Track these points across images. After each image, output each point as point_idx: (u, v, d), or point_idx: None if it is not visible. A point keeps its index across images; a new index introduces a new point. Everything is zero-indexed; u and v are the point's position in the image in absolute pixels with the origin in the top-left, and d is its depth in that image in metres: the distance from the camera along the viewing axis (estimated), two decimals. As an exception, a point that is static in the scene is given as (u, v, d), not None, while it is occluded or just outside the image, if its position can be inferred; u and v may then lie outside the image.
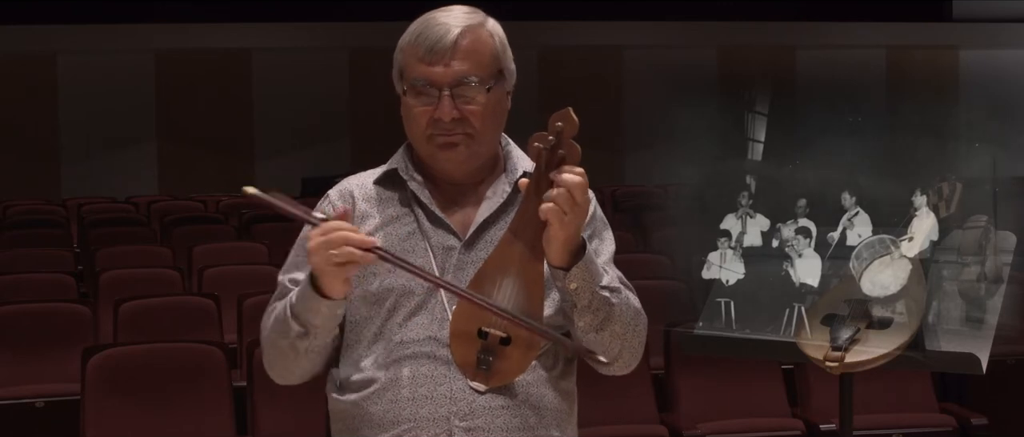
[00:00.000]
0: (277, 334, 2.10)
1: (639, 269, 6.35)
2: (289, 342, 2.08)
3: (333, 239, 1.94)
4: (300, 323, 2.05)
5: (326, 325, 2.06)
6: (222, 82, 15.08)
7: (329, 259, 1.95)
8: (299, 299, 2.04)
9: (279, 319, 2.09)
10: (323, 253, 1.95)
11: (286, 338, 2.08)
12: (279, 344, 2.10)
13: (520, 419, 2.07)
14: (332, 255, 1.94)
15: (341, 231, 1.95)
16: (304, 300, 2.03)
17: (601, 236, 2.18)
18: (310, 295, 2.01)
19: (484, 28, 2.11)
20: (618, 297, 2.08)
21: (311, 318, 2.04)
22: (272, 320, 2.12)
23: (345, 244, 1.94)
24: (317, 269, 1.98)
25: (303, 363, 2.12)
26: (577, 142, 1.99)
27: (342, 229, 1.96)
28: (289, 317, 2.06)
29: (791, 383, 5.05)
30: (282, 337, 2.09)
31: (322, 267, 1.97)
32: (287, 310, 2.07)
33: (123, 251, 7.92)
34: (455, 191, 2.16)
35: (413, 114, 2.10)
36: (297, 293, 2.06)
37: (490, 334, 2.03)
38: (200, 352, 4.68)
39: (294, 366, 2.12)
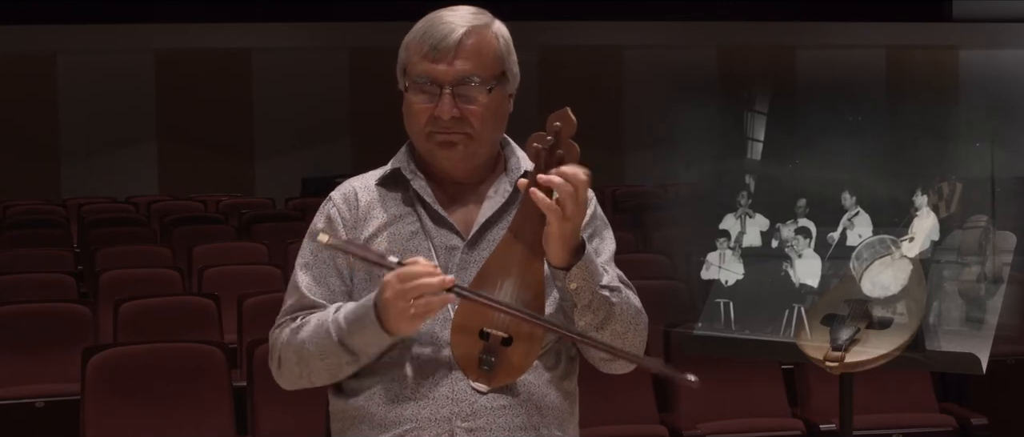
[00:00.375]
0: (315, 356, 2.07)
1: (639, 269, 6.35)
2: (328, 364, 2.07)
3: (410, 290, 1.93)
4: (351, 352, 2.04)
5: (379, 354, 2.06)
6: (222, 82, 15.08)
7: (406, 310, 1.94)
8: (355, 331, 2.03)
9: (320, 343, 2.07)
10: (401, 304, 1.94)
11: (326, 360, 2.07)
12: (315, 364, 2.09)
13: (522, 419, 2.07)
14: (411, 306, 1.94)
15: (418, 280, 1.94)
16: (364, 334, 2.02)
17: (601, 235, 2.18)
18: (375, 332, 2.00)
19: (490, 29, 2.11)
20: (618, 296, 2.08)
21: (368, 350, 2.04)
22: (307, 339, 2.09)
23: (422, 293, 1.93)
24: (395, 317, 1.97)
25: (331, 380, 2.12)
26: (575, 142, 1.99)
27: (419, 277, 1.94)
28: (338, 346, 2.04)
29: (791, 383, 5.05)
30: (321, 359, 2.07)
31: (400, 317, 1.96)
32: (334, 337, 2.05)
33: (123, 251, 7.92)
34: (457, 190, 2.16)
35: (414, 111, 2.10)
36: (351, 323, 2.03)
37: (492, 335, 2.03)
38: (200, 352, 4.68)
39: (321, 380, 2.12)
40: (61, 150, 14.88)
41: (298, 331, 2.11)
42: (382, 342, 2.02)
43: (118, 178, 14.37)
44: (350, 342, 2.03)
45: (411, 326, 1.98)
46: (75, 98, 14.82)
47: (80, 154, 14.80)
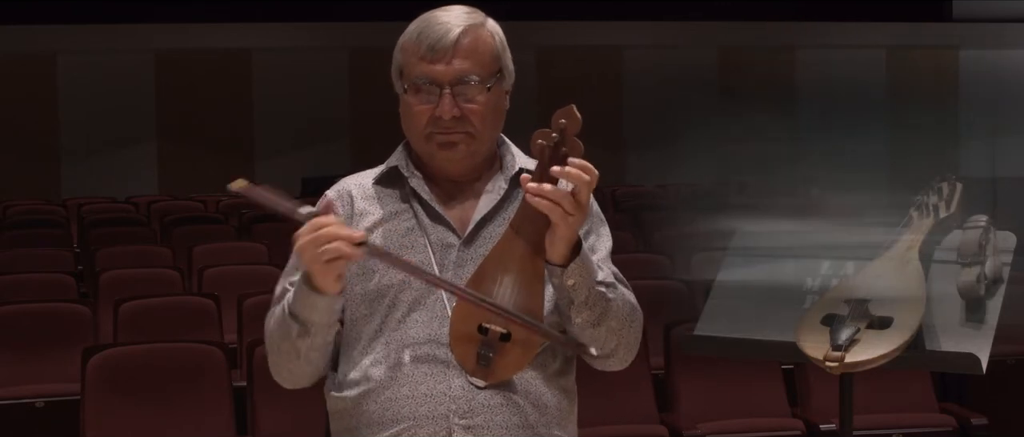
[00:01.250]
0: (279, 337, 2.10)
1: (639, 269, 6.35)
2: (290, 343, 2.08)
3: (321, 235, 1.95)
4: (299, 322, 2.05)
5: (324, 321, 2.06)
6: (222, 82, 15.07)
7: (318, 256, 1.95)
8: (296, 298, 2.05)
9: (279, 321, 2.09)
10: (312, 250, 1.95)
11: (288, 340, 2.08)
12: (282, 346, 2.10)
13: (520, 417, 2.07)
14: (321, 252, 1.94)
15: (329, 227, 1.95)
16: (300, 298, 2.03)
17: (598, 232, 2.18)
18: (305, 293, 2.01)
19: (484, 28, 2.12)
20: (614, 293, 2.09)
21: (309, 315, 2.04)
22: (273, 323, 2.12)
23: (333, 240, 1.94)
24: (308, 266, 1.98)
25: (305, 366, 2.12)
26: (580, 139, 1.99)
27: (329, 224, 1.95)
28: (288, 317, 2.06)
29: (791, 383, 5.05)
30: (284, 339, 2.09)
31: (313, 264, 1.97)
32: (285, 310, 2.07)
33: (123, 251, 7.92)
34: (453, 188, 2.16)
35: (413, 113, 2.10)
36: (293, 292, 2.06)
37: (490, 330, 2.04)
38: (200, 352, 4.68)
39: (298, 368, 2.12)
40: (61, 150, 14.87)
41: (270, 320, 2.14)
42: (317, 304, 2.02)
43: (118, 178, 14.37)
44: (295, 309, 2.05)
45: (328, 275, 1.97)
46: (75, 98, 14.81)
47: (80, 154, 14.79)
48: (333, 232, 1.95)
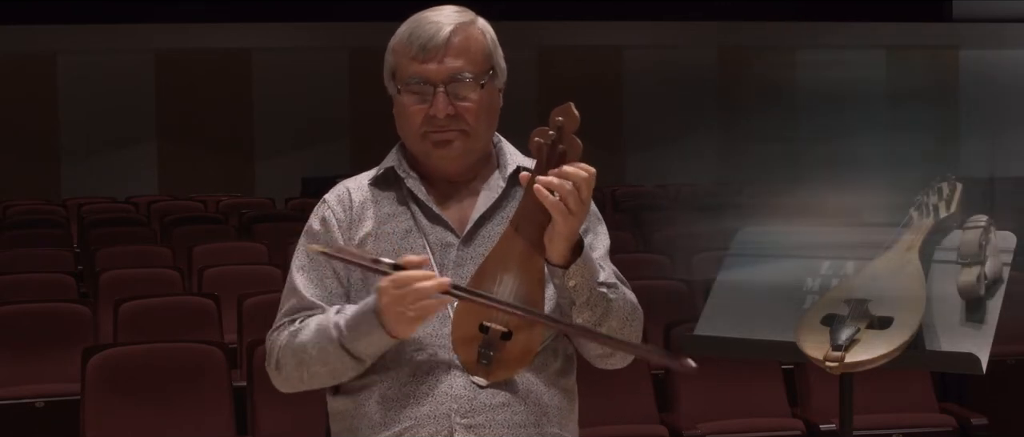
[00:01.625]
0: (315, 361, 2.07)
1: (639, 269, 6.35)
2: (330, 369, 2.07)
3: (407, 295, 1.94)
4: (354, 357, 2.04)
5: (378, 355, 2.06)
6: (222, 82, 15.07)
7: (404, 315, 1.95)
8: (359, 336, 2.03)
9: (321, 347, 2.07)
10: (398, 309, 1.95)
11: (326, 364, 2.07)
12: (316, 369, 2.09)
13: (521, 416, 2.08)
14: (408, 310, 1.95)
15: (414, 285, 1.94)
16: (366, 338, 2.02)
17: (595, 231, 2.18)
18: (377, 335, 2.00)
19: (475, 26, 2.13)
20: (615, 292, 2.09)
21: (371, 353, 2.04)
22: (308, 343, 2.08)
23: (420, 298, 1.94)
24: (390, 319, 1.97)
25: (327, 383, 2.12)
26: (578, 137, 1.99)
27: (415, 281, 1.95)
28: (340, 350, 2.04)
29: (791, 383, 5.05)
30: (323, 364, 2.07)
31: (398, 321, 1.97)
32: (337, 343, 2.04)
33: (123, 251, 7.92)
34: (450, 188, 2.17)
35: (408, 113, 2.11)
36: (352, 328, 2.03)
37: (491, 328, 2.03)
38: (200, 352, 4.68)
39: (318, 383, 2.12)
40: (61, 150, 14.87)
41: (297, 334, 2.10)
42: (384, 345, 2.03)
43: (118, 178, 14.37)
44: (353, 347, 2.04)
45: (410, 329, 1.99)
46: (75, 98, 14.81)
47: (80, 154, 14.79)
48: (419, 291, 1.94)
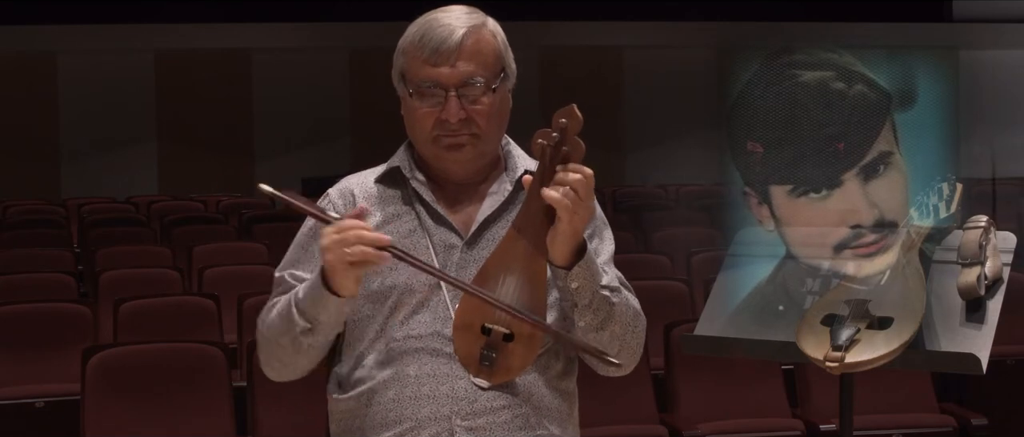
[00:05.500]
0: (279, 331, 2.09)
1: (639, 269, 6.35)
2: (291, 338, 2.07)
3: (348, 238, 1.94)
4: (306, 319, 2.04)
5: (332, 321, 2.05)
6: (222, 82, 15.07)
7: (343, 257, 1.94)
8: (307, 295, 2.04)
9: (282, 315, 2.08)
10: (337, 251, 1.95)
11: (288, 334, 2.07)
12: (280, 341, 2.09)
13: (521, 419, 2.07)
14: (346, 253, 1.94)
15: (356, 230, 1.95)
16: (313, 297, 2.02)
17: (601, 235, 2.18)
18: (320, 292, 2.00)
19: (486, 28, 2.11)
20: (618, 297, 2.08)
21: (319, 314, 2.03)
22: (273, 316, 2.11)
23: (360, 243, 1.94)
24: (330, 267, 1.97)
25: (302, 361, 2.11)
26: (581, 139, 1.99)
27: (357, 227, 1.95)
28: (295, 313, 2.05)
29: (791, 383, 5.05)
30: (284, 334, 2.08)
31: (335, 265, 1.96)
32: (292, 306, 2.06)
33: (123, 251, 7.92)
34: (457, 190, 2.16)
35: (418, 116, 2.10)
36: (305, 290, 2.05)
37: (493, 330, 2.03)
38: (200, 352, 4.68)
39: (293, 363, 2.12)
40: (61, 150, 14.87)
41: (269, 311, 2.12)
42: (329, 304, 2.01)
43: (118, 178, 14.37)
44: (303, 307, 2.04)
45: (348, 277, 1.97)
46: (75, 98, 14.81)
47: (80, 154, 14.79)
48: (360, 235, 1.95)
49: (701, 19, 15.47)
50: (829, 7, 15.50)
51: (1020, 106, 16.13)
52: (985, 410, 4.93)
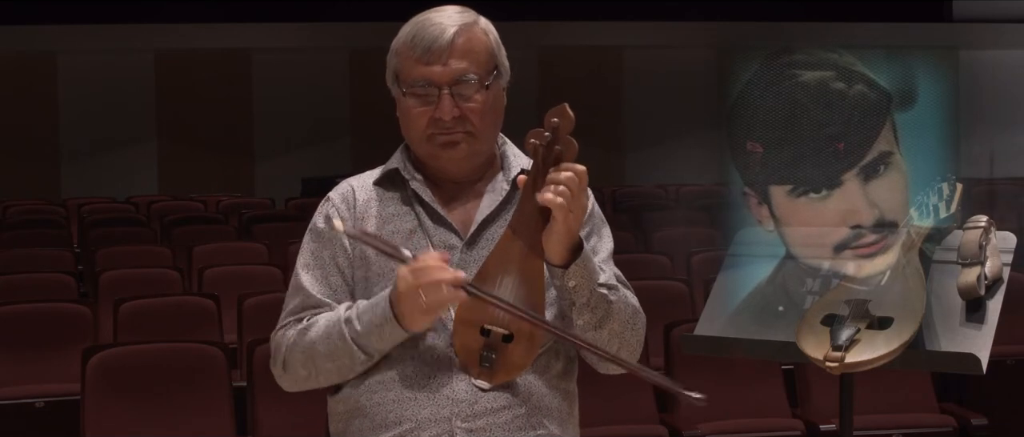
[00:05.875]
0: (325, 357, 2.07)
1: (639, 269, 6.35)
2: (339, 365, 2.07)
3: (425, 283, 1.94)
4: (368, 353, 2.05)
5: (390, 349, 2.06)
6: (222, 82, 15.07)
7: (418, 303, 1.95)
8: (372, 331, 2.03)
9: (331, 344, 2.07)
10: (414, 297, 1.95)
11: (335, 360, 2.07)
12: (323, 365, 2.08)
13: (521, 419, 2.07)
14: (424, 301, 1.95)
15: (432, 274, 1.95)
16: (380, 333, 2.02)
17: (599, 234, 2.18)
18: (391, 328, 2.01)
19: (478, 26, 2.12)
20: (616, 294, 2.08)
21: (384, 347, 2.04)
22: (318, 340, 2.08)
23: (437, 285, 1.94)
24: (406, 308, 1.98)
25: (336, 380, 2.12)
26: (574, 138, 1.99)
27: (433, 271, 1.95)
28: (351, 346, 2.05)
29: (791, 383, 5.05)
30: (333, 360, 2.07)
31: (411, 309, 1.97)
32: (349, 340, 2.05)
33: (123, 251, 7.92)
34: (454, 190, 2.16)
35: (412, 116, 2.10)
36: (365, 325, 2.04)
37: (493, 331, 2.03)
38: (200, 352, 4.67)
39: (328, 381, 2.12)
40: (61, 150, 14.87)
41: (306, 332, 2.10)
42: (395, 338, 2.02)
43: (118, 178, 14.37)
44: (365, 341, 2.04)
45: (424, 320, 1.99)
46: (75, 98, 14.81)
47: (80, 154, 14.79)
48: (436, 280, 1.95)
49: (701, 19, 15.47)
50: (829, 7, 15.50)
51: (1020, 106, 16.13)
52: (985, 410, 4.93)
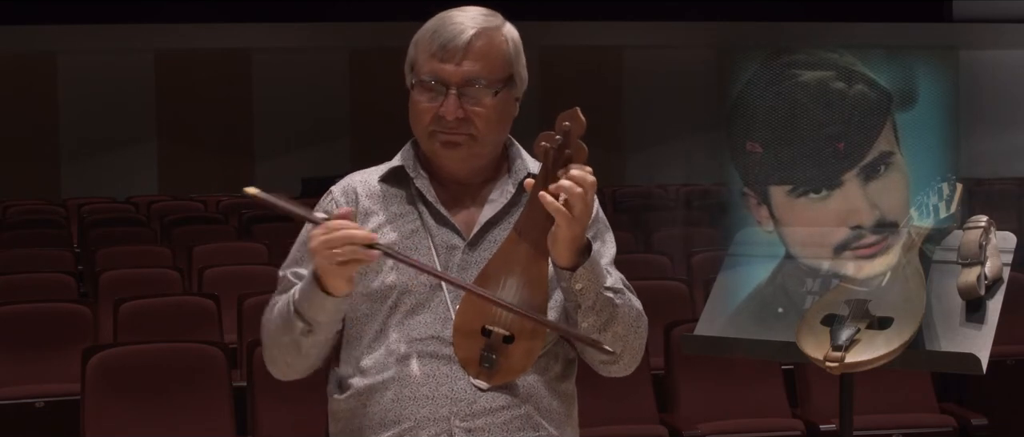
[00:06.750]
0: (280, 331, 2.09)
1: (639, 269, 6.35)
2: (292, 339, 2.08)
3: (335, 238, 1.94)
4: (304, 320, 2.05)
5: (330, 321, 2.06)
6: (222, 82, 15.08)
7: (332, 258, 1.94)
8: (303, 297, 2.04)
9: (282, 315, 2.09)
10: (325, 252, 1.95)
11: (289, 335, 2.08)
12: (281, 340, 2.10)
13: (520, 420, 2.07)
14: (335, 254, 1.94)
15: (344, 230, 1.95)
16: (308, 298, 2.03)
17: (603, 238, 2.17)
18: (314, 293, 2.01)
19: (500, 32, 2.11)
20: (621, 298, 2.08)
21: (315, 315, 2.04)
22: (274, 316, 2.12)
23: (348, 242, 1.94)
24: (320, 268, 1.98)
25: (303, 360, 2.12)
26: (584, 142, 1.99)
27: (344, 227, 1.95)
28: (293, 314, 2.06)
29: (791, 383, 5.05)
30: (285, 334, 2.08)
31: (325, 266, 1.96)
32: (290, 308, 2.07)
33: (123, 251, 7.92)
34: (460, 190, 2.16)
35: (419, 109, 2.10)
36: (300, 291, 2.05)
37: (494, 332, 2.03)
38: (200, 352, 4.68)
39: (296, 362, 2.12)
40: (61, 150, 14.87)
41: (270, 311, 2.13)
42: (325, 305, 2.02)
43: (118, 178, 14.38)
44: (302, 309, 2.04)
45: (339, 280, 1.98)
46: (75, 98, 14.82)
47: (80, 154, 14.79)
48: (348, 235, 1.95)
49: (701, 19, 15.47)
50: (829, 7, 15.50)
51: (1020, 106, 16.14)
52: (985, 410, 4.93)
